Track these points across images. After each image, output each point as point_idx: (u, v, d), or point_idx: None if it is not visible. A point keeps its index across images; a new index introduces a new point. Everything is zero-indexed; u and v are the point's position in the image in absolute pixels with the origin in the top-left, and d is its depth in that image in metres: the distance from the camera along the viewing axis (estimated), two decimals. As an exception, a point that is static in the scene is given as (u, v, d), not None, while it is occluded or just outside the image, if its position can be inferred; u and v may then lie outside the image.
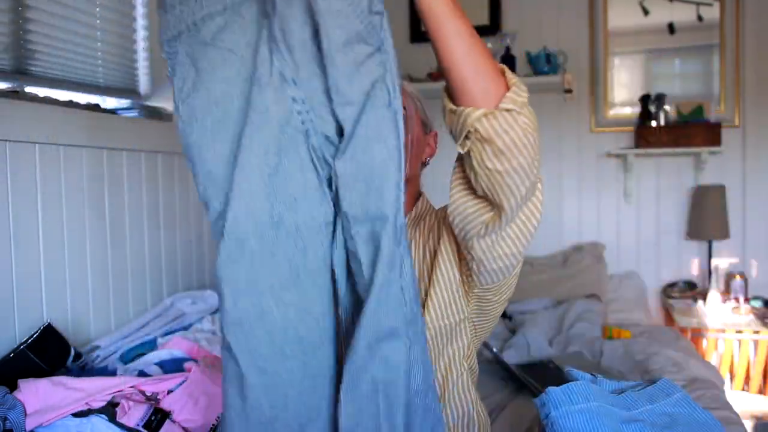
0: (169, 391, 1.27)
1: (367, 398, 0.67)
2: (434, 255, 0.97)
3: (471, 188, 0.81)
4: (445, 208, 0.97)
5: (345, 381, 0.67)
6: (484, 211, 0.80)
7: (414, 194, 1.09)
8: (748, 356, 2.55)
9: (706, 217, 2.75)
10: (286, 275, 0.71)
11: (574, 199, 3.07)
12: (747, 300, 2.66)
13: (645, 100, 2.84)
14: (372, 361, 0.67)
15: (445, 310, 0.95)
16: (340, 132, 0.69)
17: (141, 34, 1.97)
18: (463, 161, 0.80)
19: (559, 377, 1.75)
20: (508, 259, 0.83)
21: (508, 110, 0.72)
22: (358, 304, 0.71)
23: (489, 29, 3.00)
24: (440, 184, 1.07)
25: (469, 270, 0.90)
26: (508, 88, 0.73)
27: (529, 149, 0.73)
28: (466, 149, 0.75)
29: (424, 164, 1.10)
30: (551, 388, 0.77)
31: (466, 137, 0.74)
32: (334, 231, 0.72)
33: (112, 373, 1.42)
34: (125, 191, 1.78)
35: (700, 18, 2.87)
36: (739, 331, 2.50)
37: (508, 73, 0.75)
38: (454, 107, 0.75)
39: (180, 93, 0.71)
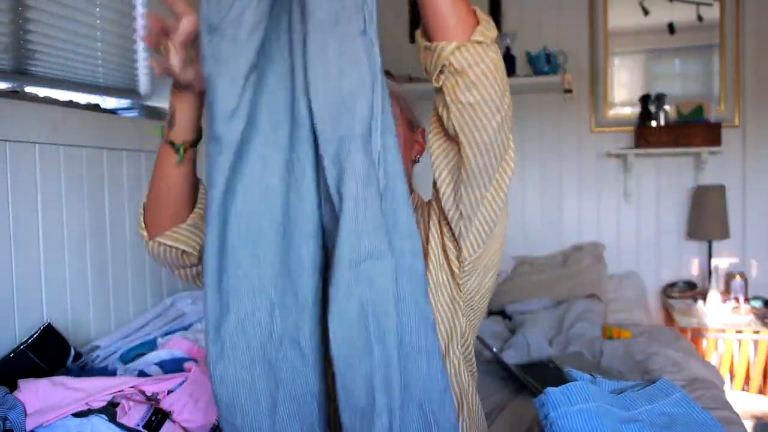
0: (169, 391, 1.27)
1: (357, 321, 0.68)
2: (427, 241, 0.98)
3: (448, 136, 0.85)
4: (433, 199, 0.99)
5: (331, 307, 0.68)
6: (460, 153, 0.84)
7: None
8: (748, 356, 2.55)
9: (706, 217, 2.75)
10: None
11: (574, 199, 3.07)
12: (747, 300, 2.67)
13: (645, 100, 2.84)
14: (357, 282, 0.68)
15: (436, 292, 0.95)
16: None
17: (141, 34, 1.97)
18: (438, 112, 0.84)
19: (559, 377, 1.75)
20: (490, 208, 0.87)
21: (479, 42, 0.76)
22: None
23: (489, 29, 3.00)
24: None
25: (455, 239, 0.91)
26: (478, 23, 0.78)
27: (498, 82, 0.77)
28: (440, 84, 0.79)
29: (415, 162, 1.10)
30: (550, 389, 0.77)
31: (440, 71, 0.78)
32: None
33: (112, 373, 1.42)
34: (125, 191, 1.78)
35: (700, 18, 2.87)
36: (739, 331, 2.50)
37: (478, 10, 0.80)
38: (429, 44, 0.79)
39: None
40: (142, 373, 1.39)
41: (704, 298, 2.70)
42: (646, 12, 2.92)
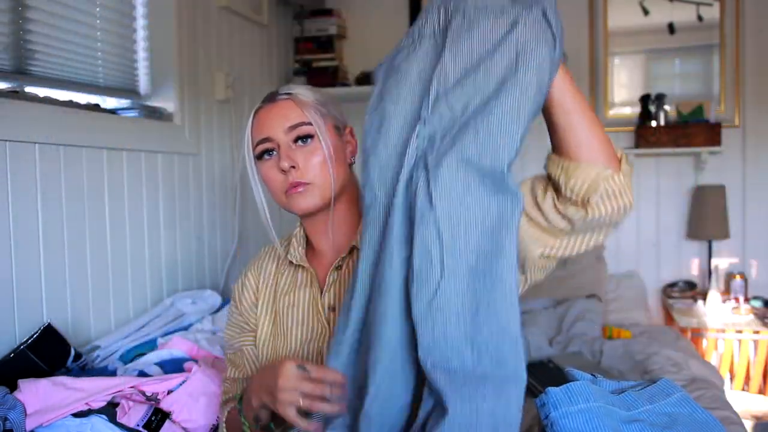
0: (169, 391, 1.27)
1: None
2: None
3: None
4: None
5: None
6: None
7: (355, 199, 1.05)
8: (748, 356, 2.55)
9: (706, 217, 2.75)
10: None
11: (574, 199, 3.07)
12: (747, 300, 2.66)
13: (645, 100, 2.84)
14: None
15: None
16: None
17: (141, 34, 1.97)
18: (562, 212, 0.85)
19: (559, 377, 1.75)
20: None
21: (627, 174, 0.85)
22: None
23: (489, 29, 3.00)
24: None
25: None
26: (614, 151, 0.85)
27: (625, 211, 0.85)
28: (591, 207, 0.81)
29: (351, 164, 1.06)
30: (551, 389, 0.77)
31: (597, 190, 0.82)
32: None
33: (112, 373, 1.42)
34: (125, 191, 1.78)
35: (700, 18, 2.87)
36: (739, 331, 2.50)
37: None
38: (587, 162, 0.83)
39: (370, 105, 0.83)
40: (142, 373, 1.39)
41: (704, 298, 2.70)
42: (646, 12, 2.92)
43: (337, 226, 1.03)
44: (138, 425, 1.17)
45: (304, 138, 0.98)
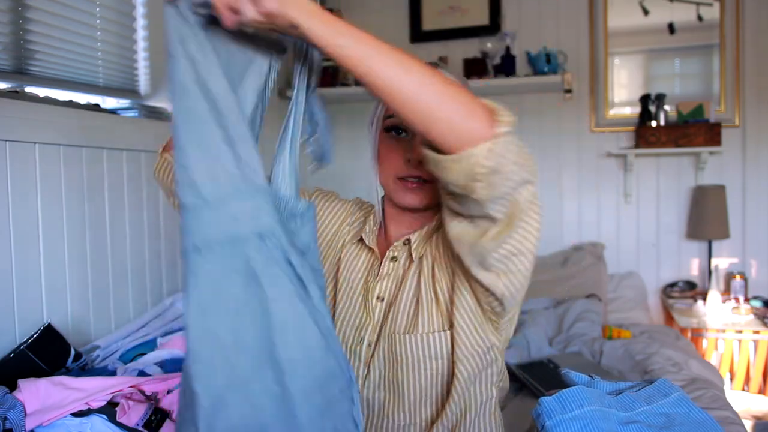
0: (169, 391, 1.27)
1: None
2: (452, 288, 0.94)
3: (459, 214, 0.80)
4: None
5: None
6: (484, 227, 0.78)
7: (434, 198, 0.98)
8: (748, 356, 2.55)
9: (706, 217, 2.75)
10: None
11: (574, 198, 3.07)
12: (747, 300, 2.66)
13: (645, 100, 2.84)
14: None
15: (471, 336, 0.93)
16: None
17: (141, 34, 1.97)
18: (458, 210, 0.79)
19: (558, 377, 1.75)
20: (523, 256, 0.81)
21: (505, 134, 0.69)
22: None
23: (489, 29, 3.00)
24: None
25: (491, 297, 0.88)
26: (488, 110, 0.69)
27: (527, 160, 0.72)
28: (477, 193, 0.70)
29: None
30: (544, 398, 0.76)
31: (475, 179, 0.69)
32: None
33: (112, 373, 1.42)
34: (125, 191, 1.78)
35: (700, 18, 2.87)
36: (739, 331, 2.50)
37: (484, 100, 0.71)
38: (451, 156, 0.69)
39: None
40: (142, 373, 1.39)
41: (704, 298, 2.70)
42: (646, 12, 2.92)
43: (417, 223, 1.02)
44: (138, 425, 1.17)
45: None
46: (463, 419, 0.94)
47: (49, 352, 1.34)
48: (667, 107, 2.82)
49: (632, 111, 2.96)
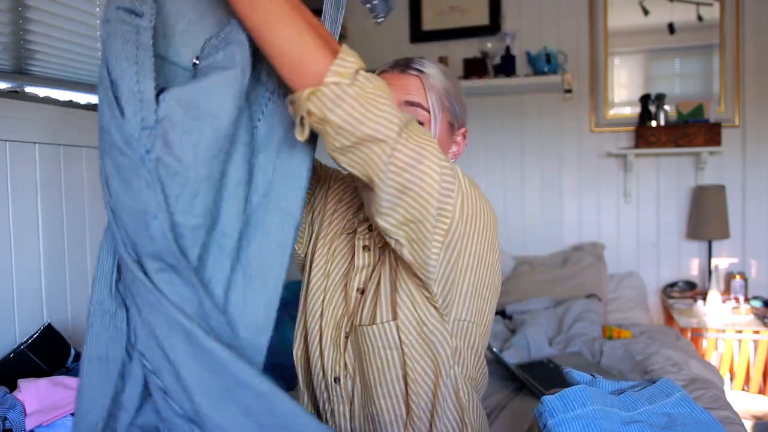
0: (169, 391, 1.27)
1: None
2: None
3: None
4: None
5: None
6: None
7: None
8: (748, 356, 2.55)
9: (706, 217, 2.75)
10: None
11: (574, 199, 3.07)
12: (747, 300, 2.66)
13: (645, 100, 2.84)
14: None
15: (414, 314, 0.91)
16: None
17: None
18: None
19: (559, 377, 1.75)
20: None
21: (335, 83, 0.67)
22: None
23: (489, 29, 3.01)
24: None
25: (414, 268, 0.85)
26: (330, 52, 0.68)
27: (371, 117, 0.69)
28: (305, 136, 0.69)
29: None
30: (546, 397, 0.76)
31: (302, 123, 0.69)
32: None
33: (112, 373, 1.41)
34: (125, 191, 1.77)
35: (700, 18, 2.87)
36: (739, 331, 2.50)
37: (341, 46, 0.70)
38: (289, 96, 0.70)
39: None
40: (142, 373, 1.39)
41: (704, 298, 2.70)
42: (646, 12, 2.92)
43: None
44: (138, 425, 1.16)
45: None
46: (435, 413, 0.91)
47: (49, 352, 1.34)
48: (667, 107, 2.82)
49: (632, 111, 2.96)
